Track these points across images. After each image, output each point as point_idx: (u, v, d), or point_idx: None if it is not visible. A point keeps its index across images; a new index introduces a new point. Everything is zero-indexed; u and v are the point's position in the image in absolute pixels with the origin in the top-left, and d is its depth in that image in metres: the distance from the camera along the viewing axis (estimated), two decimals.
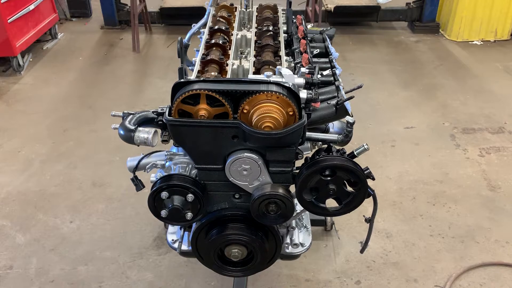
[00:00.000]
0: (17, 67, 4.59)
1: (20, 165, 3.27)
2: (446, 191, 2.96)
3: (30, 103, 4.11)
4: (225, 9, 2.36)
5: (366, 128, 3.66)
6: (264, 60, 1.79)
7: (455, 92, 4.30)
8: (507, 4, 5.33)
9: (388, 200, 2.90)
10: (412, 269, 2.43)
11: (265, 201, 1.48)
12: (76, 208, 2.87)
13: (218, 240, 1.64)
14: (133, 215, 2.80)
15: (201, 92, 1.34)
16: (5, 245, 2.60)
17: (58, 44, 5.43)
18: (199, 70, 1.78)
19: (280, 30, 2.12)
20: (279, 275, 2.41)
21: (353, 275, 2.42)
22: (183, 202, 1.53)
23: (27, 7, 4.70)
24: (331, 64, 1.80)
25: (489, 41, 5.51)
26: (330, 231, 2.67)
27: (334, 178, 1.47)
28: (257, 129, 1.35)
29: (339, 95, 1.59)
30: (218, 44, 1.92)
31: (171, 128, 1.42)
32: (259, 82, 1.37)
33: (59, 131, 3.67)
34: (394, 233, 2.67)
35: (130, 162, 1.74)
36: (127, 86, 4.49)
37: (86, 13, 6.24)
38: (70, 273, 2.44)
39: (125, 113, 1.67)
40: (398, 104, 4.11)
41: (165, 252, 2.54)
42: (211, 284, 2.36)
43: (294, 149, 1.45)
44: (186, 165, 1.62)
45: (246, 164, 1.45)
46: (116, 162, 3.24)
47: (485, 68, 4.80)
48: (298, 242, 1.86)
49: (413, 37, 5.66)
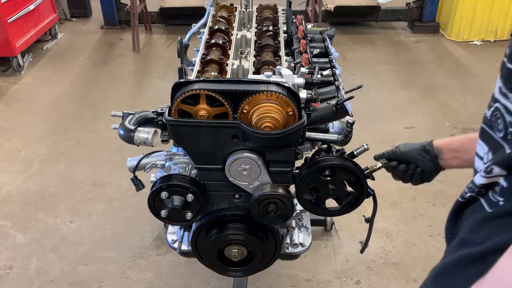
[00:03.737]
0: (17, 67, 4.59)
1: (20, 165, 3.27)
2: (446, 191, 2.96)
3: (30, 103, 4.11)
4: (225, 9, 2.36)
5: (366, 128, 3.66)
6: (264, 60, 1.79)
7: (455, 92, 4.30)
8: (507, 4, 5.32)
9: (388, 200, 2.90)
10: (412, 269, 2.43)
11: (265, 201, 1.48)
12: (76, 208, 2.87)
13: (218, 240, 1.63)
14: (133, 215, 2.80)
15: (201, 92, 1.34)
16: (5, 245, 2.60)
17: (58, 44, 5.43)
18: (199, 70, 1.78)
19: (280, 30, 2.12)
20: (279, 275, 2.41)
21: (353, 275, 2.42)
22: (183, 202, 1.53)
23: (27, 7, 4.70)
24: (331, 64, 1.80)
25: (489, 41, 5.51)
26: (330, 231, 2.67)
27: (334, 178, 1.47)
28: (257, 129, 1.35)
29: (339, 95, 1.59)
30: (218, 44, 1.92)
31: (170, 128, 1.41)
32: (259, 82, 1.37)
33: (59, 131, 3.67)
34: (394, 233, 2.67)
35: (130, 162, 1.74)
36: (127, 86, 4.49)
37: (86, 13, 6.24)
38: (70, 273, 2.44)
39: (125, 113, 1.67)
40: (398, 104, 4.11)
41: (165, 252, 2.54)
42: (211, 284, 2.36)
43: (294, 149, 1.45)
44: (186, 165, 1.62)
45: (246, 164, 1.44)
46: (116, 162, 3.24)
47: (485, 68, 4.80)
48: (298, 242, 1.86)
49: (413, 37, 5.66)
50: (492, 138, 0.92)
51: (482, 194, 0.92)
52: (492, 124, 0.92)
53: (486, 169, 0.88)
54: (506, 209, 0.85)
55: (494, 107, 0.91)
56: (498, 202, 0.86)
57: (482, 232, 0.88)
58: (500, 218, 0.86)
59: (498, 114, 0.89)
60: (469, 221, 0.94)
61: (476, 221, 0.91)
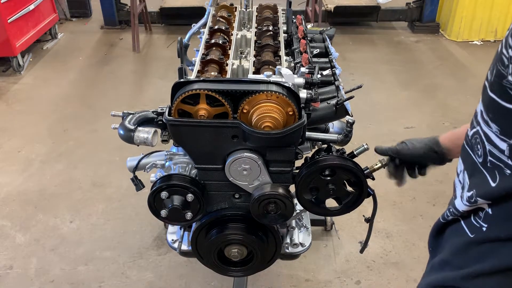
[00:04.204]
0: (17, 67, 4.59)
1: (20, 165, 3.27)
2: (446, 191, 2.96)
3: (30, 103, 4.11)
4: (225, 9, 2.35)
5: (366, 128, 3.66)
6: (264, 60, 1.79)
7: (455, 92, 4.30)
8: (507, 4, 5.32)
9: (388, 200, 2.90)
10: (412, 269, 2.43)
11: (265, 201, 1.48)
12: (76, 208, 2.87)
13: (218, 240, 1.63)
14: (133, 215, 2.80)
15: (201, 92, 1.34)
16: (5, 245, 2.60)
17: (58, 44, 5.43)
18: (199, 70, 1.78)
19: (280, 30, 2.12)
20: (279, 275, 2.41)
21: (353, 275, 2.42)
22: (183, 202, 1.53)
23: (27, 7, 4.70)
24: (331, 64, 1.80)
25: (489, 41, 5.51)
26: (330, 231, 2.67)
27: (334, 178, 1.47)
28: (257, 129, 1.35)
29: (339, 95, 1.58)
30: (218, 44, 1.92)
31: (171, 128, 1.41)
32: (259, 82, 1.37)
33: (59, 131, 3.67)
34: (394, 233, 2.67)
35: (130, 162, 1.74)
36: (127, 86, 4.49)
37: (86, 13, 6.24)
38: (70, 273, 2.44)
39: (125, 113, 1.67)
40: (398, 104, 4.11)
41: (165, 252, 2.54)
42: (211, 284, 2.36)
43: (294, 149, 1.45)
44: (186, 165, 1.62)
45: (246, 164, 1.44)
46: (116, 162, 3.24)
47: (485, 68, 4.71)
48: (298, 242, 1.85)
49: (413, 37, 5.66)
50: (469, 158, 0.92)
51: (464, 216, 0.93)
52: (472, 146, 0.92)
53: (470, 200, 0.88)
54: (489, 236, 0.86)
55: (475, 130, 0.90)
56: (482, 227, 0.87)
57: (464, 257, 0.90)
58: (481, 244, 0.87)
59: (478, 139, 0.88)
60: (451, 242, 0.96)
61: (458, 244, 0.92)
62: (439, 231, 1.03)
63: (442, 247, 1.00)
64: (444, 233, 1.01)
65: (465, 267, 0.88)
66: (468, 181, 0.91)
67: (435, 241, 1.05)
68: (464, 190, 0.92)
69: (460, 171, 0.97)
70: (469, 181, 0.91)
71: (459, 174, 0.97)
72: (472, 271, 0.87)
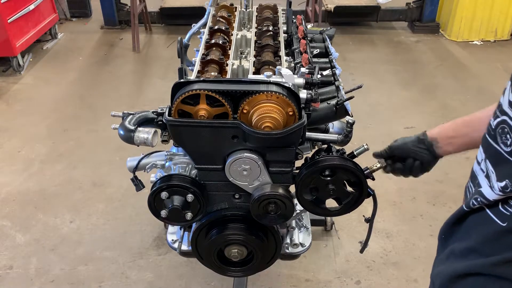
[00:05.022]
0: (17, 67, 4.59)
1: (20, 165, 3.27)
2: (446, 191, 2.96)
3: (30, 103, 4.11)
4: (225, 9, 2.35)
5: (366, 128, 3.66)
6: (264, 60, 1.79)
7: (455, 92, 4.30)
8: (507, 4, 5.32)
9: (388, 200, 2.90)
10: (412, 269, 2.43)
11: (265, 201, 1.48)
12: (76, 208, 2.87)
13: (218, 240, 1.64)
14: (133, 215, 2.80)
15: (201, 92, 1.34)
16: (5, 245, 2.60)
17: (58, 44, 5.43)
18: (199, 70, 1.78)
19: (280, 30, 2.12)
20: (279, 275, 2.41)
21: (353, 275, 2.42)
22: (183, 202, 1.53)
23: (27, 7, 4.69)
24: (331, 64, 1.80)
25: (489, 41, 5.51)
26: (330, 231, 2.67)
27: (334, 178, 1.47)
28: (257, 129, 1.35)
29: (339, 95, 1.59)
30: (218, 44, 1.92)
31: (171, 128, 1.41)
32: (259, 82, 1.37)
33: (59, 131, 3.67)
34: (394, 233, 2.67)
35: (130, 162, 1.74)
36: (127, 86, 4.49)
37: (86, 13, 6.24)
38: (70, 273, 2.44)
39: (125, 113, 1.67)
40: (398, 104, 4.11)
41: (165, 252, 2.54)
42: (211, 284, 2.36)
43: (294, 149, 1.45)
44: (186, 165, 1.62)
45: (246, 164, 1.44)
46: (116, 162, 3.24)
47: (485, 68, 4.80)
48: (298, 242, 1.86)
49: (413, 37, 5.66)
50: (491, 147, 0.92)
51: (491, 205, 0.93)
52: (496, 135, 0.91)
53: (505, 190, 0.88)
54: None
55: (501, 119, 0.90)
56: None
57: (495, 244, 0.91)
58: None
59: (507, 128, 0.88)
60: (478, 231, 0.96)
61: (488, 233, 0.92)
62: (460, 219, 1.02)
63: (461, 235, 1.00)
64: (464, 221, 1.01)
65: (495, 254, 0.89)
66: (494, 170, 0.91)
67: (450, 229, 1.05)
68: (491, 179, 0.92)
69: (481, 159, 0.97)
70: (494, 170, 0.91)
71: (480, 162, 0.97)
72: (502, 258, 0.88)
